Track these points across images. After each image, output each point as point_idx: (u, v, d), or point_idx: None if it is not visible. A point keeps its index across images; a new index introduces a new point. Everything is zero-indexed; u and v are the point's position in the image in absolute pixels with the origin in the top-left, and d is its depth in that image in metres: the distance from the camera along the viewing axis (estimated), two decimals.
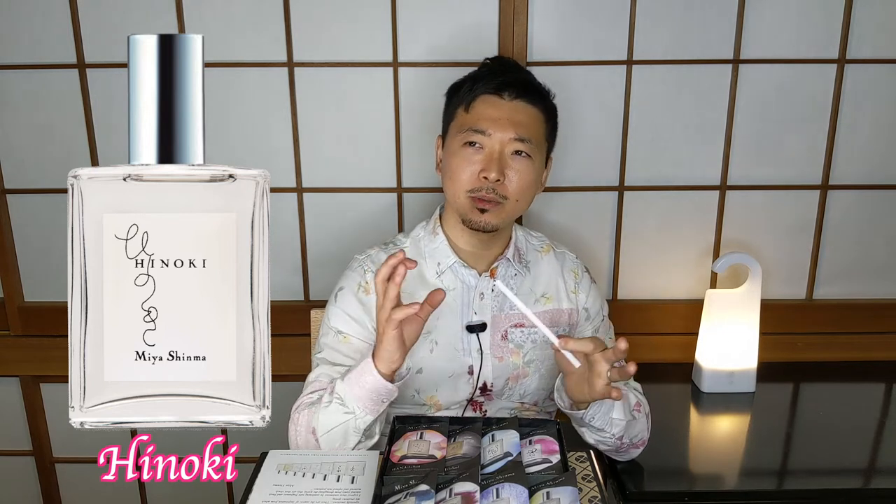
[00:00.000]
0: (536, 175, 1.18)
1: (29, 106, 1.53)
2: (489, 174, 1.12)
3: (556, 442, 0.86)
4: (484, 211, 1.14)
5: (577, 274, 1.28)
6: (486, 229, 1.15)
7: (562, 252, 1.30)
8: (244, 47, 1.50)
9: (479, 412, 1.21)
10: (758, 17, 1.50)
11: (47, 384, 1.69)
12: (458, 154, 1.15)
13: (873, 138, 1.57)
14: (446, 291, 1.17)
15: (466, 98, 1.17)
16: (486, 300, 1.20)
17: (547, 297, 1.25)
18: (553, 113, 1.22)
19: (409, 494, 0.75)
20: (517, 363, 1.20)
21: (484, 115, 1.14)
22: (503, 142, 1.13)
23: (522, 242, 1.27)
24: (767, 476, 1.28)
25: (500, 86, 1.15)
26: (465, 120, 1.16)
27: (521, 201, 1.16)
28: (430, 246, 1.22)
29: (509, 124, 1.13)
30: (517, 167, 1.14)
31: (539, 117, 1.17)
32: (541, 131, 1.18)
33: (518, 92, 1.15)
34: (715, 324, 1.51)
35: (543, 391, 1.23)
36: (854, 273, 1.66)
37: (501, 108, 1.14)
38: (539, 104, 1.18)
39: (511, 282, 1.22)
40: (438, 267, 1.20)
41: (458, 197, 1.16)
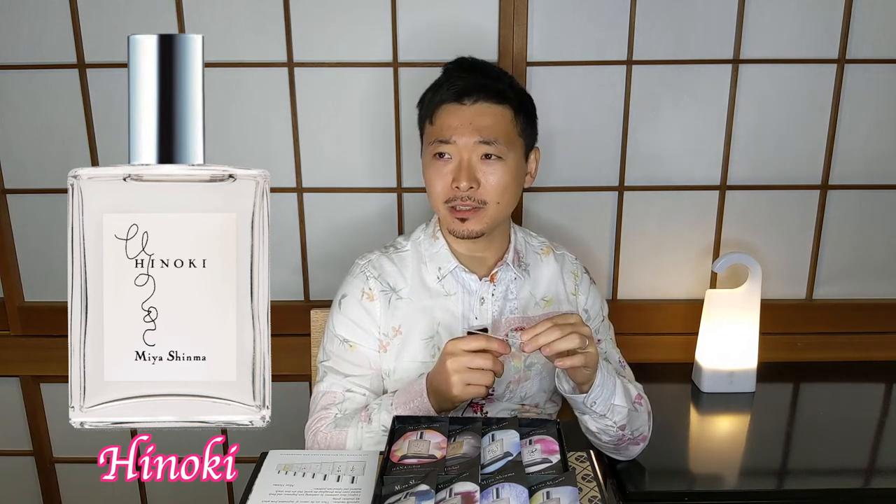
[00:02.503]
0: (514, 174, 1.15)
1: (29, 106, 1.53)
2: (460, 183, 1.11)
3: (556, 442, 0.86)
4: (464, 220, 1.14)
5: (577, 275, 1.28)
6: (470, 236, 1.15)
7: (561, 254, 1.30)
8: (244, 47, 1.50)
9: (480, 413, 1.21)
10: (758, 17, 1.50)
11: (47, 384, 1.69)
12: (430, 166, 1.15)
13: (873, 138, 1.57)
14: (447, 296, 1.20)
15: (430, 109, 1.17)
16: (487, 304, 1.20)
17: (547, 299, 1.24)
18: (524, 105, 1.18)
19: (409, 494, 0.75)
20: (518, 367, 1.20)
21: (446, 125, 1.13)
22: (468, 148, 1.12)
23: (522, 245, 1.27)
24: (767, 476, 1.28)
25: (459, 92, 1.13)
26: (432, 132, 1.16)
27: (502, 202, 1.15)
28: (430, 250, 1.22)
29: (472, 129, 1.12)
30: (489, 170, 1.13)
31: (505, 115, 1.14)
32: (510, 128, 1.15)
33: (478, 95, 1.13)
34: (715, 324, 1.51)
35: (544, 393, 1.23)
36: (854, 273, 1.66)
37: (463, 115, 1.13)
38: (504, 102, 1.14)
39: (511, 286, 1.22)
40: (439, 272, 1.20)
41: (438, 209, 1.17)
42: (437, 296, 1.20)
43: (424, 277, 1.21)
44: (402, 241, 1.26)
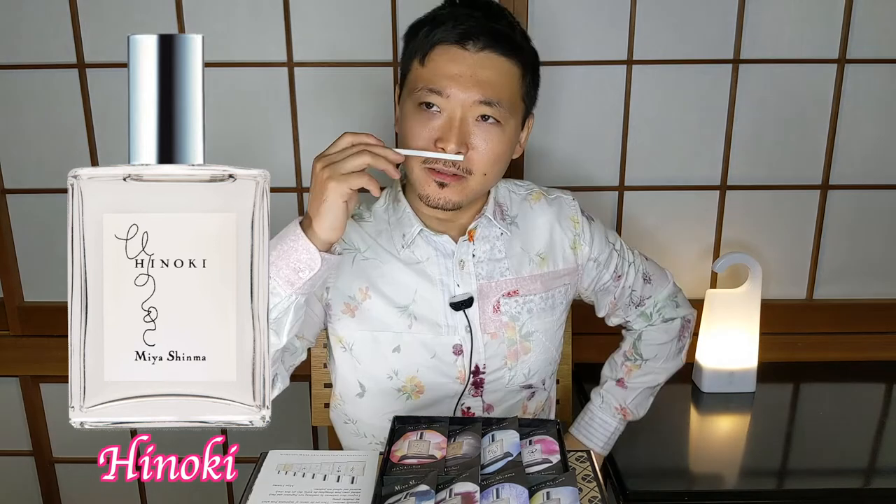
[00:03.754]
0: (509, 144, 0.98)
1: (29, 106, 1.53)
2: (446, 145, 0.92)
3: (556, 442, 0.86)
4: (443, 185, 0.95)
5: (576, 222, 1.12)
6: (445, 207, 0.97)
7: (555, 198, 1.12)
8: (244, 47, 1.50)
9: (481, 399, 1.10)
10: (758, 17, 1.50)
11: (47, 384, 1.69)
12: (412, 117, 0.95)
13: (873, 138, 1.57)
14: (419, 262, 1.04)
15: (423, 47, 0.95)
16: (469, 267, 1.05)
17: (542, 256, 1.08)
18: (532, 62, 1.00)
19: (409, 494, 0.75)
20: (513, 339, 1.07)
21: (442, 72, 0.93)
22: (465, 105, 0.93)
23: (505, 196, 1.10)
24: (767, 476, 1.28)
25: (463, 34, 0.92)
26: (420, 75, 0.95)
27: (490, 174, 0.97)
28: (394, 216, 1.06)
29: (473, 83, 0.92)
30: (483, 135, 0.94)
31: (513, 72, 0.95)
32: (515, 90, 0.97)
33: (486, 41, 0.92)
34: (715, 324, 1.51)
35: (549, 366, 1.14)
36: (854, 273, 1.66)
37: (464, 63, 0.92)
38: (514, 55, 0.95)
39: (497, 243, 1.06)
40: (404, 238, 1.05)
41: (412, 169, 0.97)
42: (409, 263, 1.05)
43: (391, 246, 1.06)
44: (364, 210, 1.10)
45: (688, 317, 1.25)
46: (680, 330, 1.23)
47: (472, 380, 1.08)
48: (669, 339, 1.22)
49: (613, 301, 1.21)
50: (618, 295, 1.20)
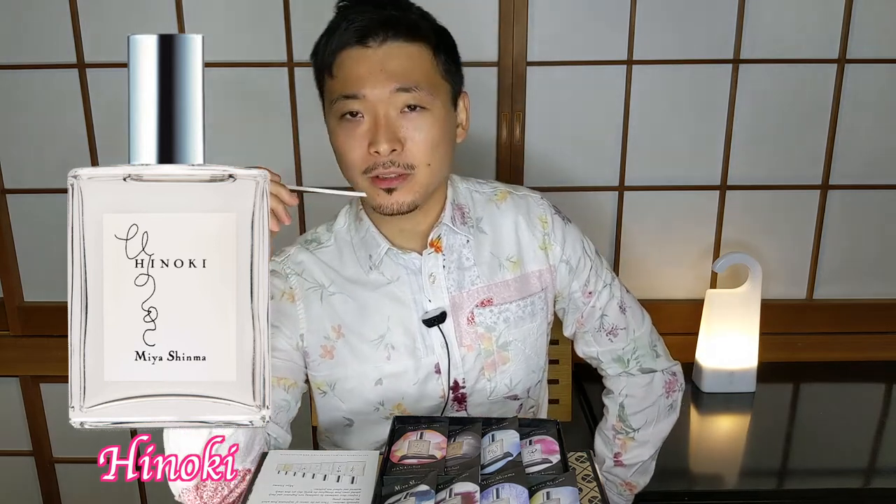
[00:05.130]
0: (443, 126, 0.93)
1: (29, 106, 1.53)
2: (379, 147, 0.89)
3: (556, 442, 0.86)
4: (391, 190, 0.92)
5: (546, 221, 1.06)
6: (401, 211, 0.93)
7: (522, 195, 1.08)
8: (244, 47, 1.50)
9: (463, 408, 1.06)
10: (758, 17, 1.50)
11: (47, 384, 1.69)
12: (338, 131, 0.93)
13: (873, 138, 1.57)
14: (390, 283, 1.01)
15: (327, 58, 0.93)
16: (440, 281, 1.01)
17: (513, 260, 1.04)
18: (443, 39, 0.96)
19: (409, 494, 0.75)
20: (489, 349, 1.03)
21: (351, 76, 0.90)
22: (384, 100, 0.89)
23: (465, 197, 1.05)
24: (767, 476, 1.28)
25: (360, 33, 0.90)
26: (333, 87, 0.93)
27: (434, 164, 0.93)
28: (357, 236, 1.02)
29: (384, 77, 0.89)
30: (413, 125, 0.91)
31: (422, 54, 0.92)
32: (430, 70, 0.93)
33: (385, 33, 0.90)
34: (715, 324, 1.51)
35: (534, 374, 1.08)
36: (854, 273, 1.66)
37: (370, 60, 0.89)
38: (418, 38, 0.92)
39: (464, 251, 1.02)
40: (371, 259, 1.01)
41: (356, 182, 0.94)
42: (378, 286, 1.01)
43: (357, 270, 1.02)
44: (323, 232, 1.06)
45: (671, 369, 1.15)
46: (666, 386, 1.13)
47: (451, 395, 1.04)
48: (655, 398, 1.13)
49: (580, 320, 1.12)
50: (586, 314, 1.11)
